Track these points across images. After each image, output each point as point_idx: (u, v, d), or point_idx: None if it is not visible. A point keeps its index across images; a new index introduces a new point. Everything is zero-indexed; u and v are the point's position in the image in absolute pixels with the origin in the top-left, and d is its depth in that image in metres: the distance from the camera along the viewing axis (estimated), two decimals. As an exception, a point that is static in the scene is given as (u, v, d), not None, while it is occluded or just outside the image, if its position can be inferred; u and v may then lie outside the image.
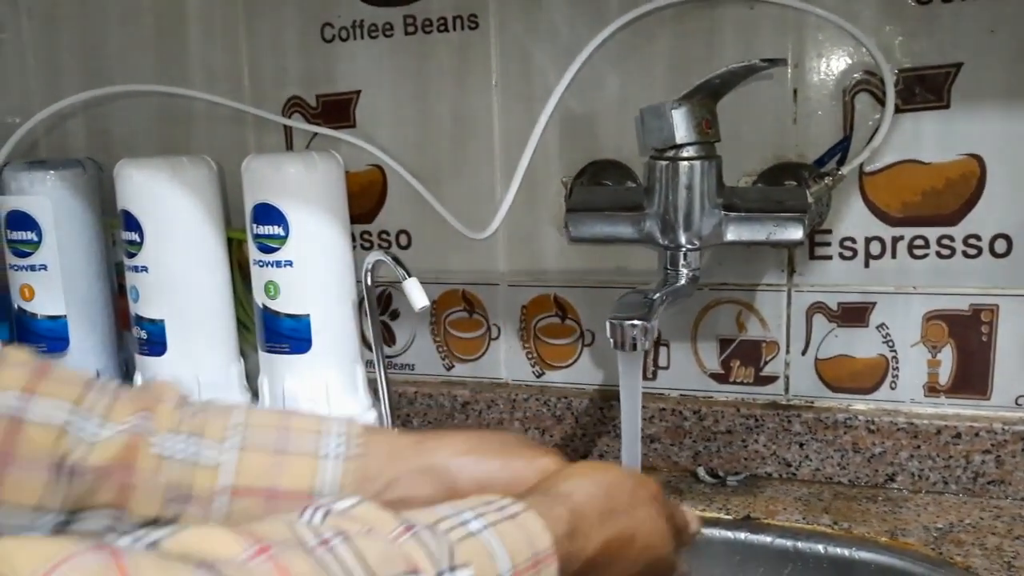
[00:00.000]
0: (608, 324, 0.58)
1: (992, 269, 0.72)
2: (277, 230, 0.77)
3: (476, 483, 0.47)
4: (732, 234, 0.69)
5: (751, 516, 0.72)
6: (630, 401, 0.60)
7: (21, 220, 0.81)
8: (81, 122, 0.97)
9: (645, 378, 0.82)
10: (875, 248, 0.74)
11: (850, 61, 0.72)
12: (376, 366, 0.82)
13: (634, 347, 0.57)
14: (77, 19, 0.95)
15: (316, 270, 0.78)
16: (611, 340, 0.58)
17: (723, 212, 0.68)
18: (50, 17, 0.96)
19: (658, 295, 0.62)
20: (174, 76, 0.92)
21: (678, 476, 0.80)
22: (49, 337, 0.83)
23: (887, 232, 0.74)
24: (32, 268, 0.82)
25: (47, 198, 0.82)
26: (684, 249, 0.69)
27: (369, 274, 0.80)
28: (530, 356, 0.86)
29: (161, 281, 0.80)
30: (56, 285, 0.83)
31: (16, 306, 0.84)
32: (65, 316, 0.83)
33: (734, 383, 0.80)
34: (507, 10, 0.80)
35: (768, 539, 0.70)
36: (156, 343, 0.80)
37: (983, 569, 0.63)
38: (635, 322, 0.57)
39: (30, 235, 0.82)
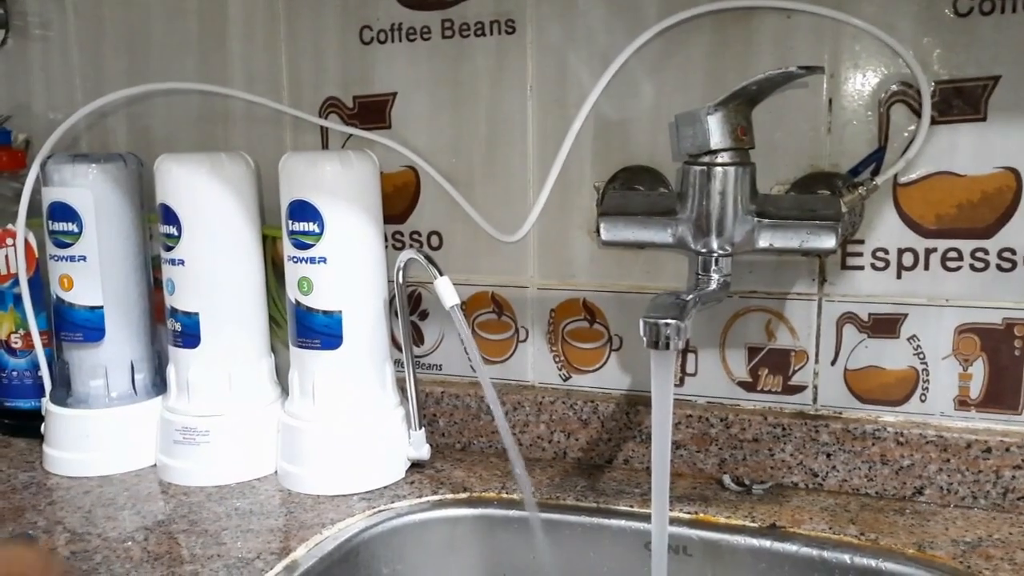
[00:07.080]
0: (642, 323, 0.58)
1: (1026, 283, 0.71)
2: (312, 227, 0.78)
3: None
4: (764, 241, 0.69)
5: (777, 525, 0.72)
6: (661, 401, 0.60)
7: (63, 211, 0.83)
8: (122, 119, 0.99)
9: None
10: (908, 259, 0.74)
11: (886, 72, 0.72)
12: (405, 365, 0.83)
13: (667, 346, 0.57)
14: (121, 18, 0.97)
15: (349, 267, 0.79)
16: (644, 339, 0.58)
17: (756, 218, 0.68)
18: (95, 15, 0.98)
19: (691, 296, 0.63)
20: (214, 76, 0.94)
21: (703, 483, 0.80)
22: (86, 327, 0.85)
23: (920, 244, 0.73)
24: (72, 259, 0.84)
25: (89, 190, 0.83)
26: (716, 255, 0.69)
27: (401, 272, 0.81)
28: (557, 359, 0.87)
29: (197, 274, 0.81)
30: (94, 276, 0.84)
31: (55, 296, 0.85)
32: (102, 307, 0.85)
33: (762, 391, 0.80)
34: (544, 15, 0.81)
35: (794, 548, 0.70)
36: (190, 335, 0.82)
37: (1012, 584, 0.62)
38: (669, 321, 0.57)
39: (71, 226, 0.83)
